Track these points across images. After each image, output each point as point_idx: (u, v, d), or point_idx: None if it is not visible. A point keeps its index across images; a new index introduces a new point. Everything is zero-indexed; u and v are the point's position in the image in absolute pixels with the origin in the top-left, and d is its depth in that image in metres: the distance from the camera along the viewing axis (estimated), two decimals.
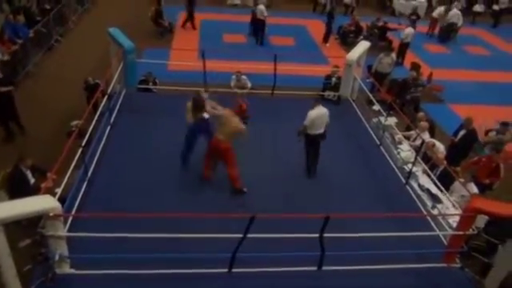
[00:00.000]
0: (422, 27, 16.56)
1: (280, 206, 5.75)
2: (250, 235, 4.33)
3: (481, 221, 5.80)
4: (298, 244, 4.62)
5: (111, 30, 8.23)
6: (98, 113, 6.82)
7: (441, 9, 16.26)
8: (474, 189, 6.46)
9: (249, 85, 9.61)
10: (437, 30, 16.31)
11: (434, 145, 7.28)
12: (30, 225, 4.59)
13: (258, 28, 14.03)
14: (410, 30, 13.12)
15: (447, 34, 15.86)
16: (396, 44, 13.41)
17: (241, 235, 4.35)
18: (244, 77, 9.53)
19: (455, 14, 15.81)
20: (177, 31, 14.40)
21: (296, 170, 6.56)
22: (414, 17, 15.58)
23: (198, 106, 5.96)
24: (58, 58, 11.83)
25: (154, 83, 9.12)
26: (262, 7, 13.86)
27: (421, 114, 8.39)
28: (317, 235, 4.49)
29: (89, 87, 8.54)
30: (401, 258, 4.92)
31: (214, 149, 5.88)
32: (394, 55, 11.42)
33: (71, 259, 4.51)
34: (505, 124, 7.95)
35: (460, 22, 15.85)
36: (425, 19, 17.21)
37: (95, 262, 4.44)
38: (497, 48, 16.06)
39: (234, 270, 4.65)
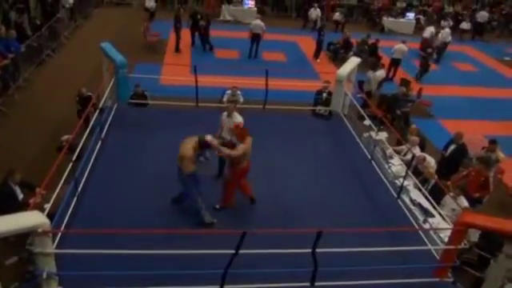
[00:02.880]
0: (410, 43, 16.88)
1: (271, 221, 5.72)
2: (241, 251, 4.29)
3: (474, 235, 5.84)
4: (291, 260, 4.58)
5: (103, 44, 8.25)
6: (90, 127, 6.78)
7: (431, 29, 16.53)
8: (465, 202, 6.50)
9: (241, 100, 9.65)
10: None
11: (424, 159, 7.35)
12: (18, 241, 4.50)
13: (254, 41, 14.16)
14: (399, 46, 13.39)
15: (441, 53, 16.05)
16: (386, 61, 13.63)
17: (232, 251, 4.31)
18: (239, 92, 9.60)
19: (448, 33, 16.14)
20: (169, 47, 14.48)
21: (287, 185, 6.55)
22: (429, 50, 14.89)
23: (206, 146, 5.55)
24: (49, 72, 11.80)
25: (144, 96, 9.08)
26: (259, 22, 14.04)
27: (413, 126, 8.46)
28: (309, 250, 4.47)
29: (82, 99, 8.51)
30: (393, 273, 4.90)
31: (247, 172, 5.91)
32: (381, 72, 11.54)
33: (59, 276, 4.42)
34: (493, 142, 8.06)
35: (448, 39, 16.19)
36: (414, 37, 17.54)
37: (84, 279, 4.34)
38: (484, 64, 16.42)
39: (225, 287, 4.59)
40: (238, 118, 6.52)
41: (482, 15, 19.67)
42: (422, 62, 13.95)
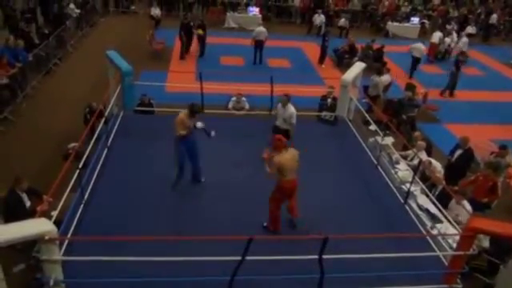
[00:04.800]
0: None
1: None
2: (248, 257, 4.27)
3: (485, 241, 5.78)
4: (297, 266, 4.56)
5: (109, 52, 8.33)
6: (96, 135, 6.83)
7: (438, 34, 16.44)
8: (467, 207, 6.43)
9: (246, 106, 9.68)
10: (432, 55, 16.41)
11: (430, 163, 7.30)
12: (25, 249, 4.52)
13: (257, 48, 14.22)
14: (416, 45, 13.80)
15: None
16: (392, 66, 13.60)
17: (239, 258, 4.30)
18: (244, 98, 9.64)
19: (465, 42, 15.88)
20: (174, 54, 14.58)
21: None
22: (461, 57, 14.47)
23: (195, 111, 5.94)
24: (56, 81, 11.92)
25: (150, 104, 9.15)
26: (261, 28, 14.13)
27: (417, 133, 8.44)
28: (316, 257, 4.44)
29: (92, 112, 8.52)
30: (401, 279, 4.85)
31: (292, 190, 5.56)
32: (386, 76, 11.51)
33: (66, 284, 4.42)
34: (504, 147, 7.99)
35: (465, 48, 16.00)
36: (418, 41, 17.51)
37: (91, 286, 4.35)
38: (490, 68, 16.34)
39: None
40: (291, 109, 7.02)
41: (493, 17, 19.63)
42: (453, 73, 13.11)
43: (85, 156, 6.13)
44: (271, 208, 5.61)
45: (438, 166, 7.39)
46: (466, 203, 6.44)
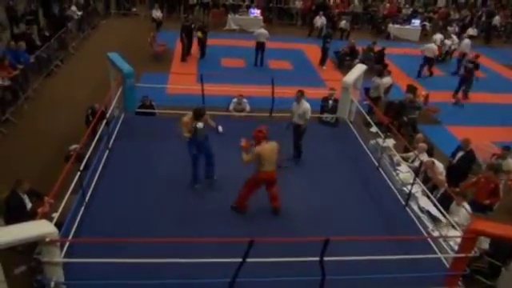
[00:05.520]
0: (416, 50, 16.87)
1: (278, 229, 5.69)
2: (249, 259, 4.26)
3: (485, 243, 5.76)
4: (298, 268, 4.55)
5: (110, 54, 8.34)
6: (97, 137, 6.83)
7: (439, 36, 16.42)
8: (467, 208, 6.41)
9: (247, 108, 9.68)
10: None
11: (433, 163, 7.28)
12: (26, 250, 4.52)
13: (258, 50, 14.25)
14: (429, 45, 14.13)
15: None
16: (393, 68, 13.60)
17: (240, 259, 4.29)
18: (245, 100, 9.64)
19: (467, 44, 15.77)
20: (175, 56, 14.60)
21: (293, 192, 6.53)
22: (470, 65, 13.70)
23: (199, 115, 6.06)
24: (57, 82, 11.95)
25: (151, 106, 9.16)
26: (262, 30, 14.14)
27: (419, 135, 8.43)
28: (317, 259, 4.43)
29: (94, 113, 8.54)
30: (402, 282, 4.84)
31: (269, 182, 5.78)
32: (387, 78, 11.51)
33: (67, 285, 4.42)
34: (507, 148, 7.96)
35: (467, 50, 16.00)
36: (420, 43, 17.52)
37: None
38: (491, 70, 16.32)
39: None
40: (305, 105, 7.09)
41: (496, 19, 19.63)
42: (465, 76, 13.04)
43: (86, 158, 6.14)
44: (243, 192, 5.83)
45: (440, 167, 7.38)
46: (466, 206, 6.42)
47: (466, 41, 16.07)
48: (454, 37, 16.65)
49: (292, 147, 7.33)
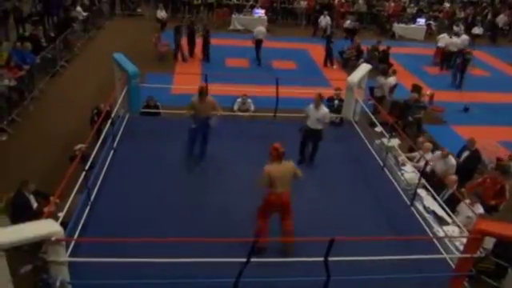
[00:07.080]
0: (421, 49, 16.81)
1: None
2: (253, 259, 4.26)
3: (489, 243, 5.72)
4: (303, 268, 4.54)
5: (116, 55, 8.38)
6: (102, 137, 6.86)
7: (444, 36, 16.30)
8: (480, 209, 6.39)
9: (252, 108, 9.69)
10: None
11: (447, 154, 7.25)
12: (32, 250, 4.55)
13: (257, 48, 14.28)
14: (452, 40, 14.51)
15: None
16: (398, 67, 13.52)
17: (244, 259, 4.29)
18: (249, 100, 9.64)
19: (464, 39, 15.88)
20: (179, 56, 14.60)
21: (298, 192, 6.50)
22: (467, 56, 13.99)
23: (200, 92, 6.54)
24: (63, 83, 12.01)
25: (156, 107, 9.19)
26: (261, 28, 14.18)
27: (420, 139, 8.38)
28: (322, 259, 4.42)
29: (99, 113, 8.56)
30: (408, 282, 4.82)
31: (279, 205, 5.16)
32: (392, 78, 11.45)
33: (73, 285, 4.44)
34: None
35: (462, 46, 15.89)
36: (425, 42, 17.44)
37: (97, 287, 4.37)
38: (497, 69, 16.20)
39: None
40: (324, 109, 6.98)
41: (501, 18, 19.46)
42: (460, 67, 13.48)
43: (91, 158, 6.17)
44: (257, 220, 5.30)
45: (452, 164, 7.29)
46: (479, 206, 6.39)
47: (464, 37, 16.02)
48: (464, 36, 16.42)
49: (297, 151, 7.18)
